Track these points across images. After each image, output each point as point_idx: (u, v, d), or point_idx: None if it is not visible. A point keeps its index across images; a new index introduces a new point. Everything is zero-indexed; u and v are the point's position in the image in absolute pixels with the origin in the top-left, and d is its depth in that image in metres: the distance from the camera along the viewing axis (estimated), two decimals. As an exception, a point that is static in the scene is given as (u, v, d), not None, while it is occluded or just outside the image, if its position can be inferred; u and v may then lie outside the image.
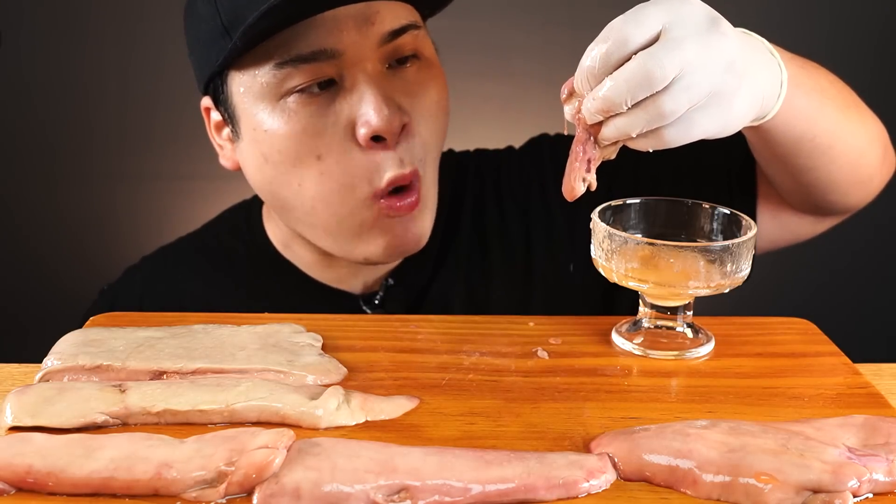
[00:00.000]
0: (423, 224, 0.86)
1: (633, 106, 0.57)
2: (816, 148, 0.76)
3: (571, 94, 0.62)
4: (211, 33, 0.81)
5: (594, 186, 0.63)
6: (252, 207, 0.99)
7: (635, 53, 0.56)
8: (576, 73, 0.59)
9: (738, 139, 0.84)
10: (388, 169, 0.81)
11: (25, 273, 1.73)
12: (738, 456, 0.52)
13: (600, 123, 0.59)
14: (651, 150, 0.60)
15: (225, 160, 0.90)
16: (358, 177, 0.81)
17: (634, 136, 0.58)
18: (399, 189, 0.82)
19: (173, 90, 1.44)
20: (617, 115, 0.58)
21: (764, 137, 0.75)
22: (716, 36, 0.57)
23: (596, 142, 0.61)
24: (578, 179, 0.62)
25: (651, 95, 0.56)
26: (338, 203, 0.82)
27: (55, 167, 1.71)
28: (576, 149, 0.61)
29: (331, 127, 0.80)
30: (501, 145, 1.04)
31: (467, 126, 0.92)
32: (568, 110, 0.62)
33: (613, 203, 0.71)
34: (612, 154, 0.62)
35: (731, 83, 0.59)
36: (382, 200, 0.82)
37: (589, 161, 0.61)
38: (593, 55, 0.57)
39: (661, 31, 0.56)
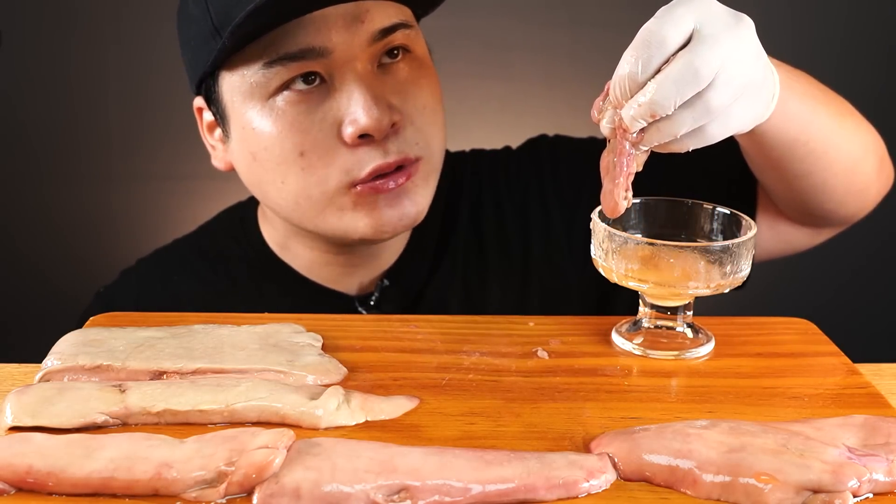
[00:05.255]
0: (418, 198, 0.84)
1: (678, 106, 0.57)
2: (811, 153, 0.76)
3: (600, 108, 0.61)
4: (202, 34, 0.81)
5: (630, 202, 0.63)
6: (248, 208, 0.99)
7: (673, 55, 0.57)
8: (612, 82, 0.59)
9: (737, 148, 0.84)
10: (371, 161, 0.80)
11: (23, 273, 1.73)
12: (738, 456, 0.52)
13: (641, 131, 0.59)
14: (690, 149, 0.61)
15: (217, 161, 0.90)
16: (337, 169, 0.81)
17: (679, 136, 0.59)
18: (382, 175, 0.82)
19: (167, 90, 1.44)
20: (660, 118, 0.58)
21: (758, 142, 0.75)
22: (742, 29, 0.59)
23: (634, 149, 0.60)
24: (622, 196, 0.62)
25: (697, 93, 0.57)
26: (316, 194, 0.82)
27: (50, 167, 1.71)
28: (619, 161, 0.61)
29: (317, 124, 0.80)
30: (501, 145, 1.04)
31: (467, 126, 0.92)
32: (606, 124, 0.61)
33: (613, 203, 0.71)
34: (641, 165, 0.62)
35: (760, 72, 0.61)
36: (359, 186, 0.81)
37: (629, 175, 0.61)
38: (632, 60, 0.57)
39: (693, 31, 0.57)
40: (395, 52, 0.83)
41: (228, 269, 0.96)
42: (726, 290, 0.67)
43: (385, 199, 0.82)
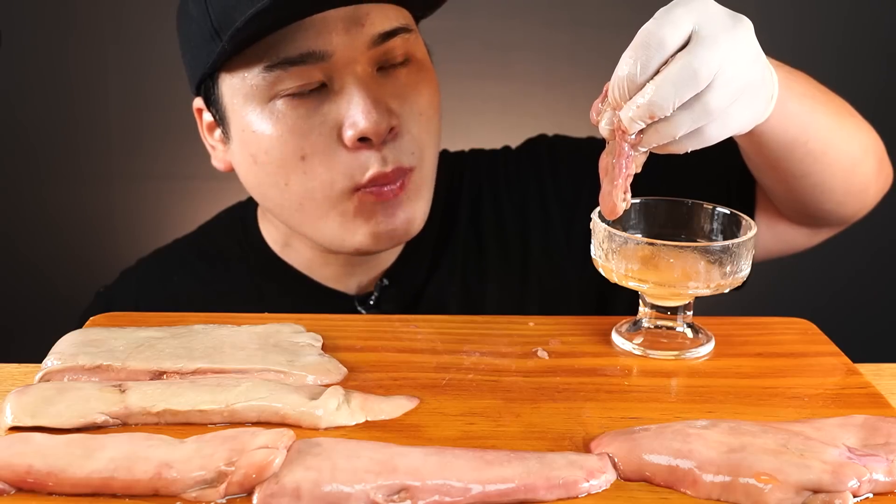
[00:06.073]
0: (412, 210, 0.85)
1: (677, 108, 0.57)
2: (809, 153, 0.76)
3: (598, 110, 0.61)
4: (202, 35, 0.81)
5: (629, 204, 0.63)
6: (248, 208, 0.99)
7: (672, 56, 0.57)
8: (611, 84, 0.59)
9: (736, 149, 0.84)
10: (371, 167, 0.81)
11: (23, 273, 1.73)
12: (738, 456, 0.52)
13: (639, 133, 0.59)
14: (689, 151, 0.61)
15: (217, 161, 0.90)
16: (339, 173, 0.81)
17: (678, 137, 0.59)
18: (381, 185, 0.82)
19: (167, 90, 1.45)
20: (659, 120, 0.58)
21: (757, 143, 0.75)
22: (741, 30, 0.59)
23: (633, 151, 0.60)
24: (620, 197, 0.61)
25: (695, 95, 0.57)
26: (320, 197, 0.83)
27: (50, 167, 1.71)
28: (618, 162, 0.60)
29: (317, 127, 0.80)
30: (501, 145, 1.04)
31: (467, 126, 0.92)
32: (605, 125, 0.61)
33: (613, 203, 0.71)
34: (640, 166, 0.62)
35: (758, 73, 0.61)
36: (362, 191, 0.82)
37: (628, 176, 0.61)
38: (631, 62, 0.57)
39: (692, 32, 0.57)
40: (397, 63, 0.83)
41: (228, 269, 0.96)
42: (726, 290, 0.67)
43: (383, 209, 0.83)
